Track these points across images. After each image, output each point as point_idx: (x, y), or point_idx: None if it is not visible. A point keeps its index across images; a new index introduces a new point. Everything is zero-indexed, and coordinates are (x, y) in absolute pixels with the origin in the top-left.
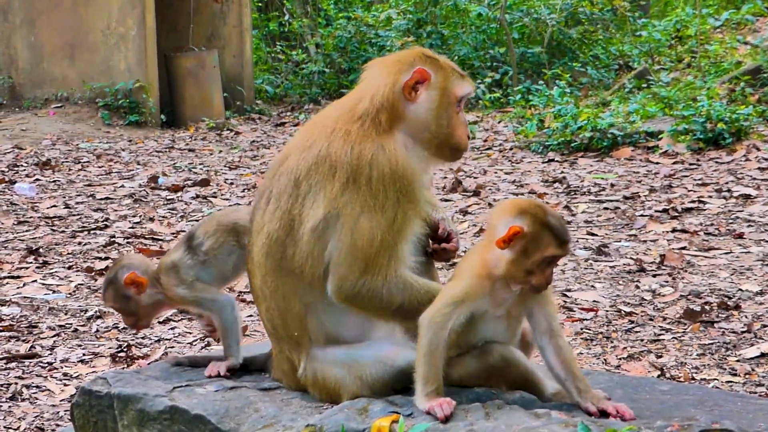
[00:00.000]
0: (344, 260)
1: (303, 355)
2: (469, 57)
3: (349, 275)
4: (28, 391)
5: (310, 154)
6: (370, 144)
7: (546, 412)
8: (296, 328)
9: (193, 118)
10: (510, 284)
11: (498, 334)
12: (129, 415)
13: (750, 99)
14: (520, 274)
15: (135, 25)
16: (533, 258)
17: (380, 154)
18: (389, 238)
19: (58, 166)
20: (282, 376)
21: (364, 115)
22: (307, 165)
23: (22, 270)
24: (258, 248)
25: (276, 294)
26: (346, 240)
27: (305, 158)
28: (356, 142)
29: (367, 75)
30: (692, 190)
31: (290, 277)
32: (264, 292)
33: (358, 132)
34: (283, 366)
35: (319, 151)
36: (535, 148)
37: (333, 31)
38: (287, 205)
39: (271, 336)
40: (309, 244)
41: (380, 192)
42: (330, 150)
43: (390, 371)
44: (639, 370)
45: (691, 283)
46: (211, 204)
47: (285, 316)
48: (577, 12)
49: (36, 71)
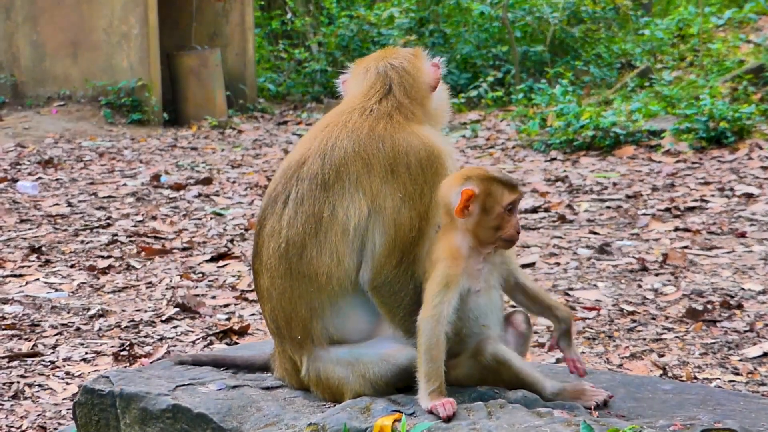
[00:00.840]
0: (384, 251)
1: (305, 355)
2: (471, 56)
3: (386, 264)
4: (30, 390)
5: (334, 155)
6: (402, 133)
7: (548, 411)
8: (300, 331)
9: (195, 117)
10: (482, 250)
11: (485, 311)
12: (131, 414)
13: (752, 97)
14: (488, 233)
15: (137, 24)
16: (494, 212)
17: (414, 139)
18: (425, 227)
19: (60, 165)
20: (285, 375)
21: (391, 108)
22: (335, 166)
23: (24, 268)
24: (271, 251)
25: (283, 297)
26: (390, 232)
27: (330, 160)
28: (387, 135)
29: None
30: (695, 188)
31: (301, 281)
32: (271, 293)
33: (386, 125)
34: (286, 365)
35: (345, 150)
36: (538, 147)
37: (335, 29)
38: (312, 209)
39: (274, 335)
40: (340, 244)
41: (419, 176)
42: (358, 147)
43: (393, 369)
44: (641, 370)
45: (693, 282)
46: (213, 203)
47: (290, 318)
48: (580, 10)
49: (38, 69)
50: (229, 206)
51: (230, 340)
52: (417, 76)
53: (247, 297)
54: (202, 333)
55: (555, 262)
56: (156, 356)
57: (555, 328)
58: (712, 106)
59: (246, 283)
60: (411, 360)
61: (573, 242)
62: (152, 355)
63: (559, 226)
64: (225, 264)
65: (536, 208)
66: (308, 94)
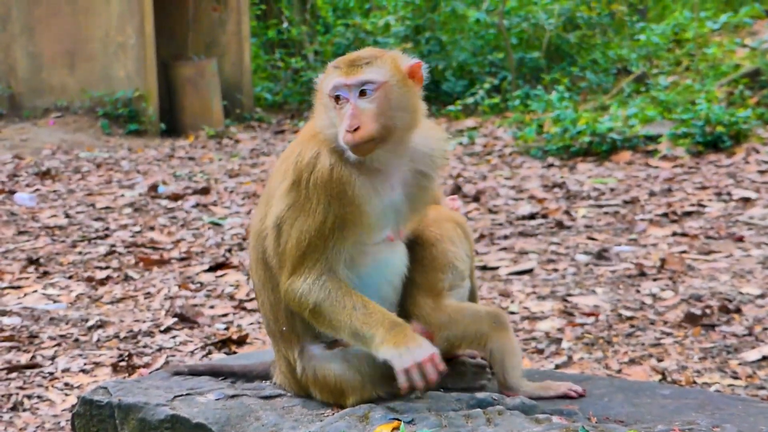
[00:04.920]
0: (282, 260)
1: (296, 351)
2: (467, 62)
3: (283, 275)
4: (29, 401)
5: (284, 156)
6: (312, 148)
7: (546, 417)
8: (284, 323)
9: (192, 127)
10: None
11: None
12: (130, 425)
13: (749, 102)
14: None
15: (134, 34)
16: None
17: (319, 157)
18: (318, 242)
19: (58, 176)
20: (284, 379)
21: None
22: (278, 167)
23: (22, 280)
24: (250, 245)
25: (266, 288)
26: (285, 240)
27: (280, 161)
28: (303, 146)
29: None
30: (692, 193)
31: (271, 272)
32: (257, 285)
33: (309, 136)
34: (282, 367)
35: (288, 154)
36: (535, 153)
37: (331, 38)
38: (263, 205)
39: (269, 334)
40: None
41: (314, 195)
42: (290, 153)
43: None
44: (640, 375)
45: (691, 287)
46: (211, 212)
47: (276, 310)
48: (576, 16)
49: (35, 80)
50: (226, 216)
51: (229, 350)
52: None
53: (246, 306)
54: (200, 343)
55: (553, 268)
56: (154, 366)
57: None
58: (708, 110)
59: (244, 292)
60: None
61: (571, 248)
62: (151, 365)
63: (557, 232)
64: (223, 274)
65: (534, 214)
66: (305, 102)
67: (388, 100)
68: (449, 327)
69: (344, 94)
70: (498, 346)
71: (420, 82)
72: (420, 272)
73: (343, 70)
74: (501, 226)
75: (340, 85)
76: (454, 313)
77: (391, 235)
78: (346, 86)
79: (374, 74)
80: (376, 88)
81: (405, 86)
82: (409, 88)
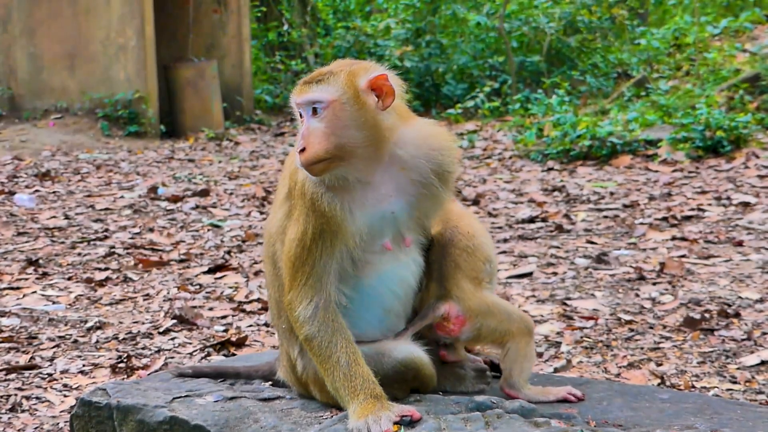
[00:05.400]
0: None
1: (297, 349)
2: (467, 66)
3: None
4: (27, 403)
5: (286, 162)
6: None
7: (546, 420)
8: (286, 320)
9: (192, 129)
10: None
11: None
12: (129, 426)
13: (749, 106)
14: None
15: (134, 36)
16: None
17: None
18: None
19: (57, 177)
20: (286, 373)
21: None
22: (282, 172)
23: (21, 281)
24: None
25: (273, 284)
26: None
27: (284, 166)
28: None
29: None
30: (691, 198)
31: (279, 271)
32: (267, 278)
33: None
34: (284, 362)
35: (288, 161)
36: (535, 157)
37: (332, 40)
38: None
39: (273, 326)
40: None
41: (298, 205)
42: (288, 160)
43: (389, 363)
44: (639, 379)
45: (690, 291)
46: (210, 214)
47: (279, 307)
48: (576, 20)
49: (35, 82)
50: (226, 218)
51: (228, 352)
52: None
53: (245, 308)
54: (199, 345)
55: (552, 272)
56: (153, 368)
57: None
58: (708, 115)
59: (243, 294)
60: (406, 355)
61: (570, 252)
62: (150, 367)
63: (557, 236)
64: (222, 276)
65: (533, 218)
66: None
67: (338, 118)
68: (485, 317)
69: (302, 112)
70: (517, 347)
71: (389, 94)
72: (463, 258)
73: (298, 88)
74: (501, 229)
75: (294, 104)
76: (492, 305)
77: (389, 245)
78: (297, 105)
79: (322, 93)
80: (325, 107)
81: (357, 103)
82: (362, 105)
